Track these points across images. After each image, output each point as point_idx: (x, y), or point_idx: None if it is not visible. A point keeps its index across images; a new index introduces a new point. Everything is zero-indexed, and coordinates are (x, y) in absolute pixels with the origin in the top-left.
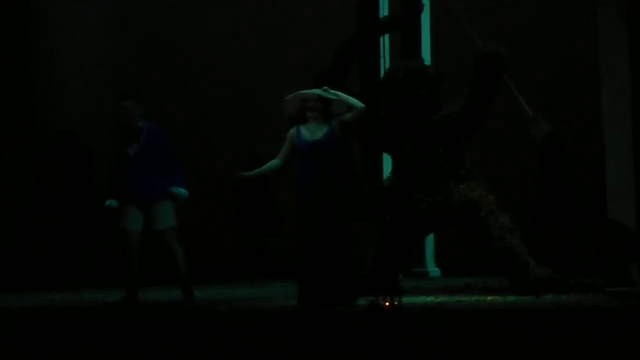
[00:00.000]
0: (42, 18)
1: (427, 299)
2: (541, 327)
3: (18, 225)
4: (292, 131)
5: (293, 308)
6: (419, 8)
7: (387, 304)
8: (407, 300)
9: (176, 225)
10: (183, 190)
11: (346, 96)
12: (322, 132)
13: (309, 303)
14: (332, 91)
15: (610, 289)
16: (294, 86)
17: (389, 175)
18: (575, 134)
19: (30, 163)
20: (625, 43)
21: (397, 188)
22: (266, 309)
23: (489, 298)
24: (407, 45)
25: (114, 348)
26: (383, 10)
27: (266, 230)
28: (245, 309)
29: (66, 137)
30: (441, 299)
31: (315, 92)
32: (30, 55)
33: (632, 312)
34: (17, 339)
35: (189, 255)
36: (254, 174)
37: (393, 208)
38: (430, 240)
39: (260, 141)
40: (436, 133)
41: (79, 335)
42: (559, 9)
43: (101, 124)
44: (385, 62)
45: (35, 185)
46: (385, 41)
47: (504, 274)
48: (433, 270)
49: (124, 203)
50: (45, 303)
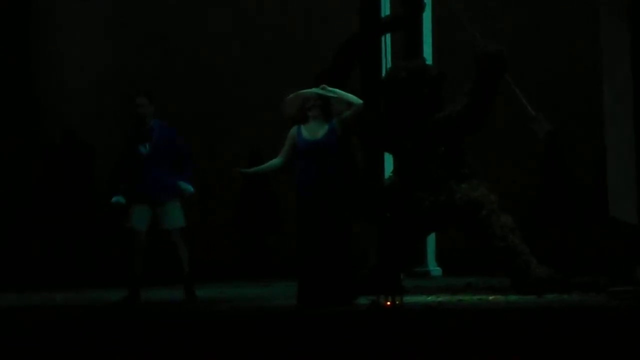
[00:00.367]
0: (42, 18)
1: (429, 299)
2: (543, 327)
3: (18, 225)
4: (293, 130)
5: (293, 308)
6: (421, 7)
7: (388, 304)
8: (409, 299)
9: (185, 224)
10: (190, 186)
11: (344, 93)
12: (323, 132)
13: (309, 303)
14: (330, 88)
15: (612, 289)
16: (295, 86)
17: (391, 174)
18: (575, 134)
19: (30, 163)
20: (626, 43)
21: (399, 187)
22: (266, 309)
23: (491, 297)
24: (409, 44)
25: (115, 348)
26: (384, 9)
27: (266, 230)
28: (245, 309)
29: (68, 137)
30: (442, 299)
31: (314, 92)
32: (30, 55)
33: (634, 312)
34: (17, 339)
35: (189, 255)
36: (253, 171)
37: (394, 207)
38: (431, 239)
39: (260, 141)
40: (437, 133)
41: (79, 335)
42: (560, 9)
43: (101, 124)
44: (386, 62)
45: (35, 185)
46: (386, 41)
47: (506, 274)
48: (434, 269)
49: (132, 201)
50: (45, 302)
